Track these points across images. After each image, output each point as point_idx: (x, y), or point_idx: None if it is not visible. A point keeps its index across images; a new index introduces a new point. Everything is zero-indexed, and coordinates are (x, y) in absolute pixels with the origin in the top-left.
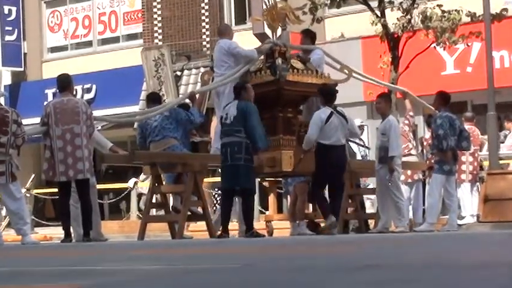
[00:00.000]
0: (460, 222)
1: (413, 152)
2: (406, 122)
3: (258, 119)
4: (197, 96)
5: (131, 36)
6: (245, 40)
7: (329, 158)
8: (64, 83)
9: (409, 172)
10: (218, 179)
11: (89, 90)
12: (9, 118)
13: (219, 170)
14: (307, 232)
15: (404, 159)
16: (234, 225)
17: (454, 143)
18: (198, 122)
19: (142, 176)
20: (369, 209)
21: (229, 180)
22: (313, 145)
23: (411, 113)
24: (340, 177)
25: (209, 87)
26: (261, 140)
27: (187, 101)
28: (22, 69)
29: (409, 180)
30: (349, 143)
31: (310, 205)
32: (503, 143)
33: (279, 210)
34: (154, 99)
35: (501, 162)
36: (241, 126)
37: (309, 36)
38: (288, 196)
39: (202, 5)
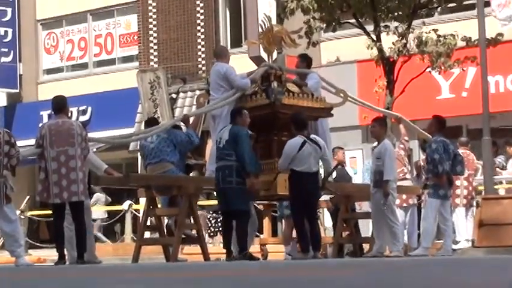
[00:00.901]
0: (455, 247)
1: (408, 176)
2: (402, 146)
3: (249, 144)
4: (191, 118)
5: (127, 59)
6: (241, 63)
7: (302, 184)
8: (59, 104)
9: (404, 196)
10: (213, 201)
11: (84, 112)
12: (0, 139)
13: (214, 192)
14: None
15: (399, 183)
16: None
17: (448, 167)
18: (197, 143)
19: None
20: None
21: (223, 203)
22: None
23: (406, 138)
24: (313, 203)
25: (203, 110)
26: (250, 164)
27: (182, 124)
28: (17, 90)
29: (404, 205)
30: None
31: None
32: (500, 168)
33: (274, 233)
34: (152, 124)
35: (507, 186)
36: (232, 150)
37: (306, 61)
38: (283, 219)
39: (198, 28)
